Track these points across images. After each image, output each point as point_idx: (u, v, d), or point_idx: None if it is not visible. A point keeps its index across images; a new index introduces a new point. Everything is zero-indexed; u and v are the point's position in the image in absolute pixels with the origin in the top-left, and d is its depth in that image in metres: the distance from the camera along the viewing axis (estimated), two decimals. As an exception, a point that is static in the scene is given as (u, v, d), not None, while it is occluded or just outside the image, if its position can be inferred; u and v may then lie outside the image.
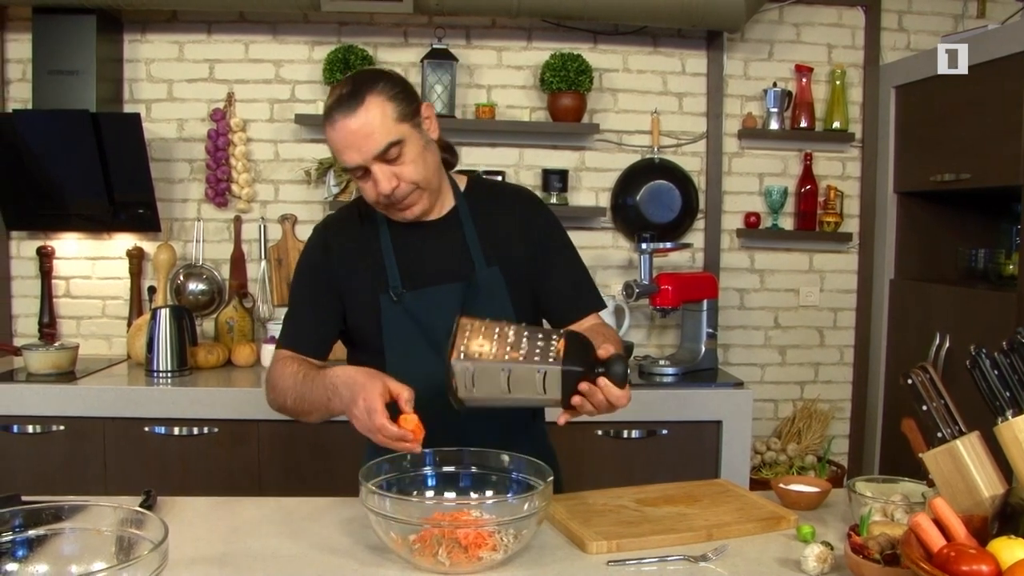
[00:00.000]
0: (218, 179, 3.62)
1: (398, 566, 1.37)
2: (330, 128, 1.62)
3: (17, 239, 3.64)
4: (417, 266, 1.77)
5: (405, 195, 1.65)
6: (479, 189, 1.87)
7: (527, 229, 1.82)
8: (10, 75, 3.57)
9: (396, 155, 1.61)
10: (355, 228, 1.81)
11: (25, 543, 1.18)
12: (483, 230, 1.79)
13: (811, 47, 3.71)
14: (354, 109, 1.58)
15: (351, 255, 1.78)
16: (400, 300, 1.73)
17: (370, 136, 1.58)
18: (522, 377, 1.42)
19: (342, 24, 3.64)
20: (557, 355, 1.42)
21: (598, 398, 1.45)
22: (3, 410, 3.01)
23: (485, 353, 1.42)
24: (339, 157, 1.64)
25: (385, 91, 1.61)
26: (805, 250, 3.78)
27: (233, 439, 3.06)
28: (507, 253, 1.79)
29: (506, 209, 1.83)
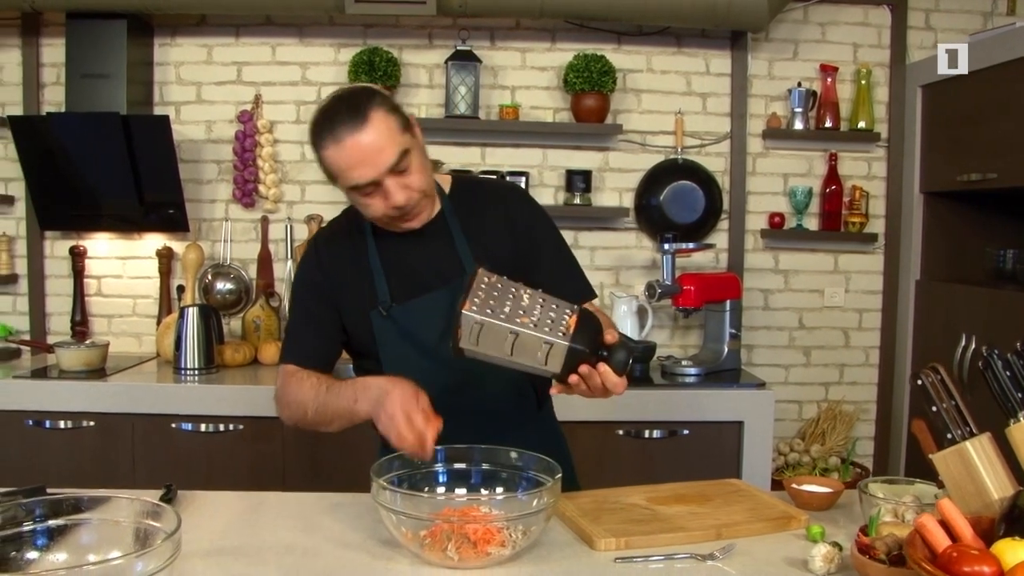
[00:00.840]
0: (245, 180, 3.68)
1: (408, 560, 1.40)
2: (335, 148, 1.58)
3: (51, 239, 3.72)
4: (406, 277, 1.77)
5: (415, 204, 1.67)
6: (463, 189, 1.87)
7: (513, 223, 1.82)
8: (45, 79, 3.65)
9: (406, 166, 1.62)
10: (346, 242, 1.81)
11: (46, 532, 1.22)
12: (469, 230, 1.80)
13: (836, 46, 3.69)
14: (361, 125, 1.57)
15: (342, 270, 1.79)
16: (389, 314, 1.75)
17: (382, 150, 1.58)
18: (527, 344, 1.41)
19: (367, 26, 3.68)
20: (567, 330, 1.42)
21: (595, 381, 1.44)
22: (36, 406, 3.09)
23: (497, 312, 1.42)
24: (347, 175, 1.60)
25: (384, 104, 1.62)
26: (830, 251, 3.76)
27: (258, 436, 3.11)
28: (495, 250, 1.79)
29: (491, 206, 1.83)
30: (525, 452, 1.56)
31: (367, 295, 1.76)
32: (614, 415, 3.15)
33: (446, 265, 1.77)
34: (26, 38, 3.60)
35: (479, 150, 3.75)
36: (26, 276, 3.70)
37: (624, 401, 3.10)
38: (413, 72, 3.72)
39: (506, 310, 1.42)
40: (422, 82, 3.73)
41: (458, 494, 1.54)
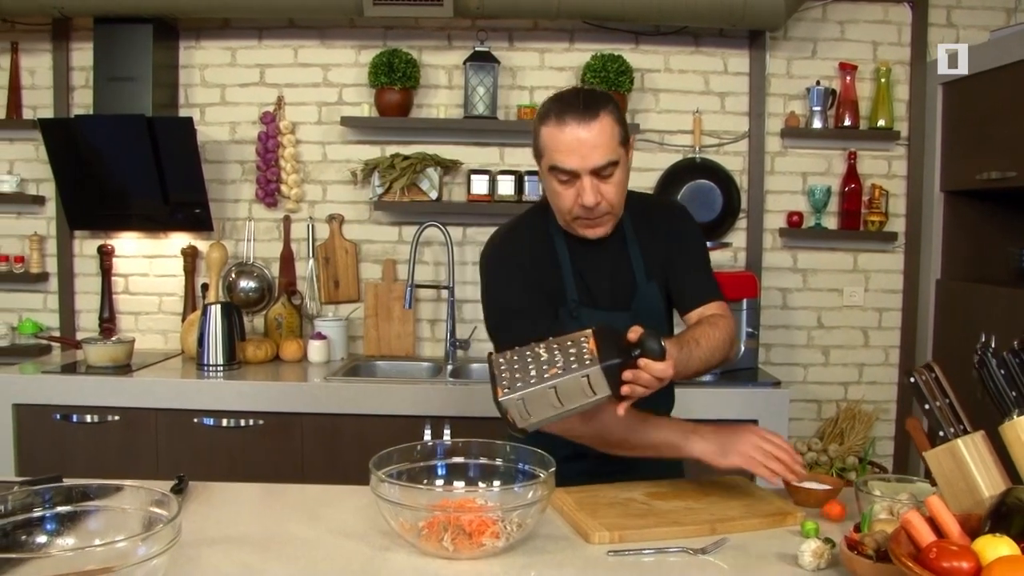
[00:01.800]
0: (268, 180, 3.74)
1: (406, 551, 1.43)
2: (557, 128, 1.69)
3: (80, 238, 3.81)
4: (591, 282, 1.86)
5: (602, 213, 1.74)
6: (638, 206, 1.94)
7: (676, 236, 1.93)
8: (74, 82, 3.74)
9: (610, 173, 1.72)
10: (532, 239, 1.88)
11: (55, 518, 1.27)
12: (644, 246, 1.90)
13: (856, 44, 3.67)
14: (590, 120, 1.68)
15: (534, 267, 1.85)
16: (577, 316, 1.83)
17: (597, 148, 1.68)
18: (569, 389, 1.49)
19: (387, 28, 3.73)
20: (592, 355, 1.49)
21: (644, 378, 1.53)
22: (64, 400, 3.17)
23: (527, 379, 1.49)
24: (554, 156, 1.70)
25: (614, 113, 1.74)
26: (849, 250, 3.74)
27: (277, 431, 3.17)
28: (662, 265, 1.90)
29: (663, 222, 1.94)
30: (520, 446, 1.60)
31: (557, 291, 1.84)
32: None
33: (622, 277, 1.88)
34: (56, 43, 3.69)
35: (498, 150, 3.79)
36: (56, 274, 3.80)
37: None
38: (432, 73, 3.76)
39: (532, 373, 1.50)
40: (441, 83, 3.77)
41: (448, 486, 1.57)
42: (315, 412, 3.16)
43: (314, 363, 3.55)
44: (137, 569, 1.14)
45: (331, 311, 3.81)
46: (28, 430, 3.16)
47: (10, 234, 3.80)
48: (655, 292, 1.89)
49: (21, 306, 3.82)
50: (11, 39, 3.70)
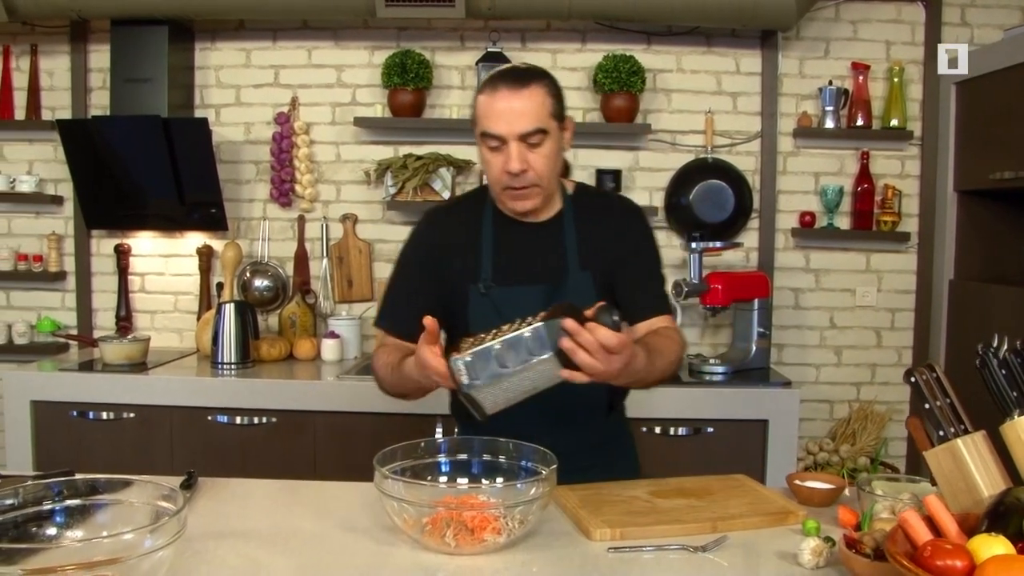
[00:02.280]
0: (282, 180, 3.78)
1: (409, 546, 1.45)
2: (489, 95, 1.73)
3: (97, 237, 3.86)
4: (511, 263, 1.87)
5: (526, 183, 1.75)
6: (585, 196, 1.97)
7: (623, 236, 1.92)
8: (92, 83, 3.79)
9: (537, 142, 1.73)
10: (464, 216, 1.92)
11: (64, 512, 1.30)
12: (583, 236, 1.89)
13: (868, 44, 3.67)
14: (520, 88, 1.71)
15: (453, 240, 1.89)
16: (488, 293, 1.84)
17: (524, 115, 1.71)
18: (511, 347, 1.45)
19: (401, 29, 3.76)
20: (543, 318, 1.46)
21: (584, 337, 1.44)
22: (81, 397, 3.22)
23: (477, 342, 1.49)
24: (484, 121, 1.74)
25: (548, 87, 1.77)
26: (862, 250, 3.73)
27: (291, 429, 3.20)
28: (601, 259, 1.89)
29: (608, 217, 1.93)
30: (522, 443, 1.61)
31: (470, 270, 1.86)
32: (639, 412, 3.16)
33: (552, 264, 1.87)
34: (74, 45, 3.75)
35: (510, 150, 3.79)
36: (74, 273, 3.86)
37: (649, 398, 3.14)
38: (445, 73, 3.78)
39: (487, 338, 1.49)
40: (454, 83, 3.79)
41: (450, 483, 1.58)
42: (328, 410, 3.19)
43: (327, 362, 3.58)
44: (143, 561, 1.16)
45: (344, 310, 3.84)
46: (45, 427, 3.21)
47: (29, 233, 3.86)
48: (587, 282, 1.86)
49: (39, 304, 3.88)
50: (30, 41, 3.76)
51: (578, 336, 1.45)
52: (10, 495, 1.30)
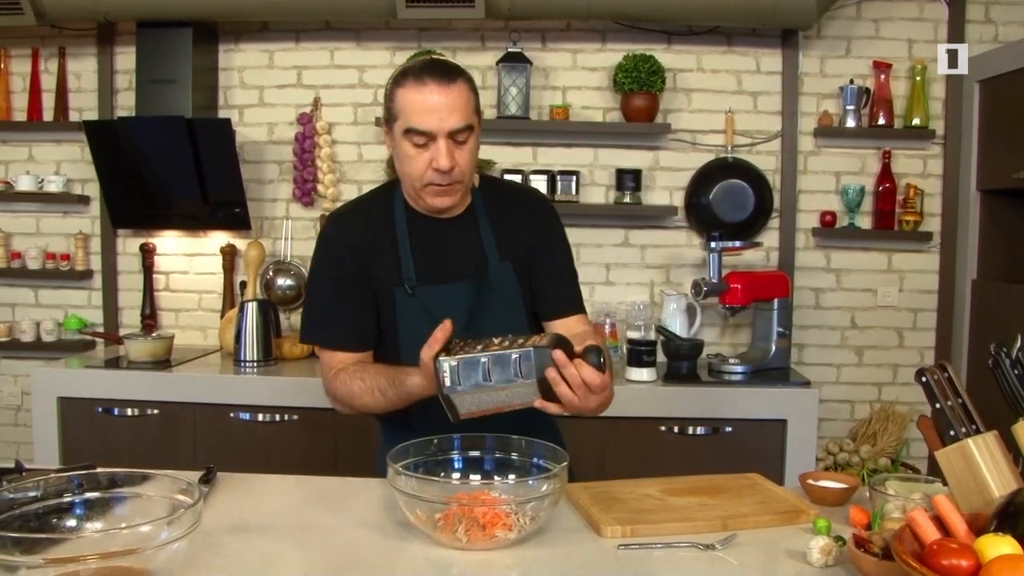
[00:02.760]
0: (305, 179, 3.82)
1: (421, 541, 1.47)
2: (415, 88, 1.67)
3: (123, 236, 3.92)
4: (432, 261, 1.84)
5: (454, 180, 1.74)
6: (492, 188, 1.96)
7: (533, 226, 1.92)
8: (118, 85, 3.85)
9: (464, 139, 1.72)
10: (373, 217, 1.87)
11: (84, 504, 1.34)
12: (497, 227, 1.88)
13: (890, 42, 3.64)
14: (448, 83, 1.68)
15: (369, 243, 1.84)
16: (414, 294, 1.82)
17: (456, 111, 1.68)
18: (499, 364, 1.50)
19: (421, 30, 3.78)
20: (535, 344, 1.51)
21: (570, 372, 1.48)
22: (107, 394, 3.28)
23: (468, 350, 1.52)
24: (413, 117, 1.68)
25: (469, 83, 1.75)
26: (883, 249, 3.71)
27: (312, 426, 3.23)
28: (517, 249, 1.89)
29: (517, 206, 1.93)
30: (534, 441, 1.63)
31: (392, 272, 1.83)
32: (657, 411, 3.19)
33: (471, 257, 1.85)
34: (101, 47, 3.81)
35: (531, 150, 3.82)
36: (100, 272, 3.92)
37: (668, 397, 3.16)
38: (466, 74, 3.79)
39: (478, 347, 1.53)
40: (475, 83, 3.80)
41: (461, 479, 1.60)
42: (348, 408, 3.21)
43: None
44: (159, 552, 1.19)
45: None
46: (72, 422, 3.27)
47: (57, 232, 3.93)
48: (508, 271, 1.86)
49: (67, 303, 3.95)
50: (58, 44, 3.82)
51: (564, 369, 1.50)
52: (33, 487, 1.34)
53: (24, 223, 3.95)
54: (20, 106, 3.87)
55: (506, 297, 1.84)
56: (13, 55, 3.88)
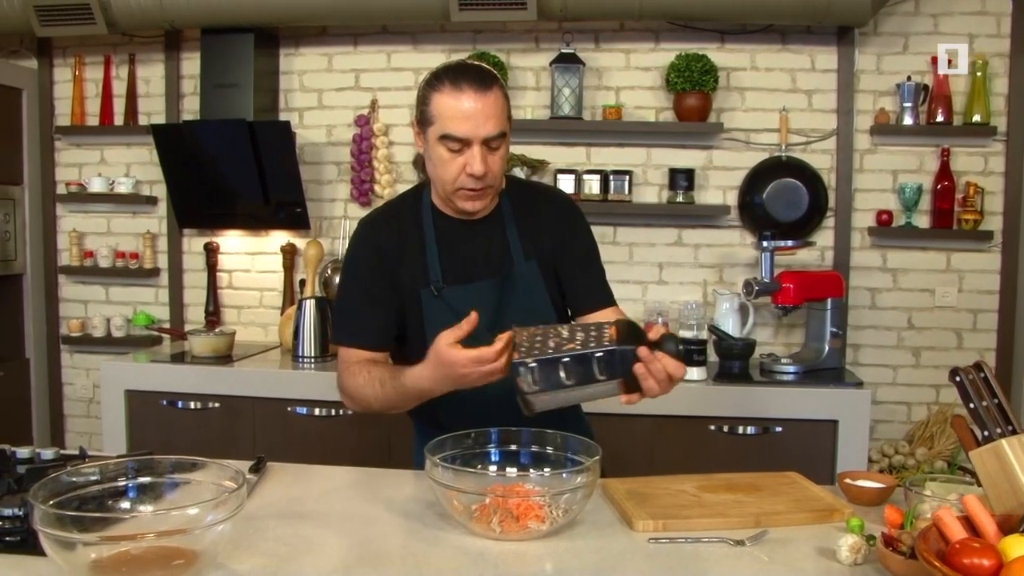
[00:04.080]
0: (362, 180, 3.91)
1: (457, 531, 1.52)
2: (452, 93, 1.69)
3: (188, 236, 4.07)
4: (459, 262, 1.88)
5: (487, 185, 1.78)
6: (517, 189, 1.99)
7: (559, 227, 1.95)
8: (184, 89, 4.00)
9: (497, 146, 1.75)
10: (402, 222, 1.91)
11: (136, 488, 1.42)
12: (522, 227, 1.92)
13: (950, 37, 3.57)
14: (486, 89, 1.71)
15: (398, 247, 1.88)
16: (440, 295, 1.86)
17: (492, 118, 1.72)
18: (581, 364, 1.50)
19: (476, 32, 3.84)
20: (611, 339, 1.52)
21: (656, 367, 1.51)
22: (170, 387, 3.41)
23: (543, 350, 1.52)
24: (449, 123, 1.70)
25: (503, 89, 1.78)
26: (942, 249, 3.64)
27: (365, 420, 3.30)
28: (543, 249, 1.92)
29: (543, 208, 1.96)
30: (569, 435, 1.66)
31: (420, 273, 1.87)
32: (706, 410, 3.19)
33: (497, 256, 1.89)
34: (168, 53, 3.96)
35: (584, 150, 3.85)
36: (167, 270, 4.07)
37: (717, 397, 3.16)
38: (520, 75, 3.85)
39: (551, 346, 1.53)
40: (529, 84, 3.85)
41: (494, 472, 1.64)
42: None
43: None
44: (206, 533, 1.27)
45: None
46: (138, 414, 3.41)
47: (126, 232, 4.10)
48: (533, 269, 1.90)
49: (135, 299, 4.11)
50: (129, 51, 3.98)
51: (651, 365, 1.51)
52: (92, 472, 1.43)
53: (96, 223, 4.13)
54: (93, 111, 4.05)
55: (530, 294, 1.88)
56: (87, 62, 4.05)
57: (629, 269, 3.80)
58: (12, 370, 4.01)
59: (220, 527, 1.28)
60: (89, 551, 1.22)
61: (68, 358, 4.21)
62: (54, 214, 4.15)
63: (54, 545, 1.21)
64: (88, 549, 1.22)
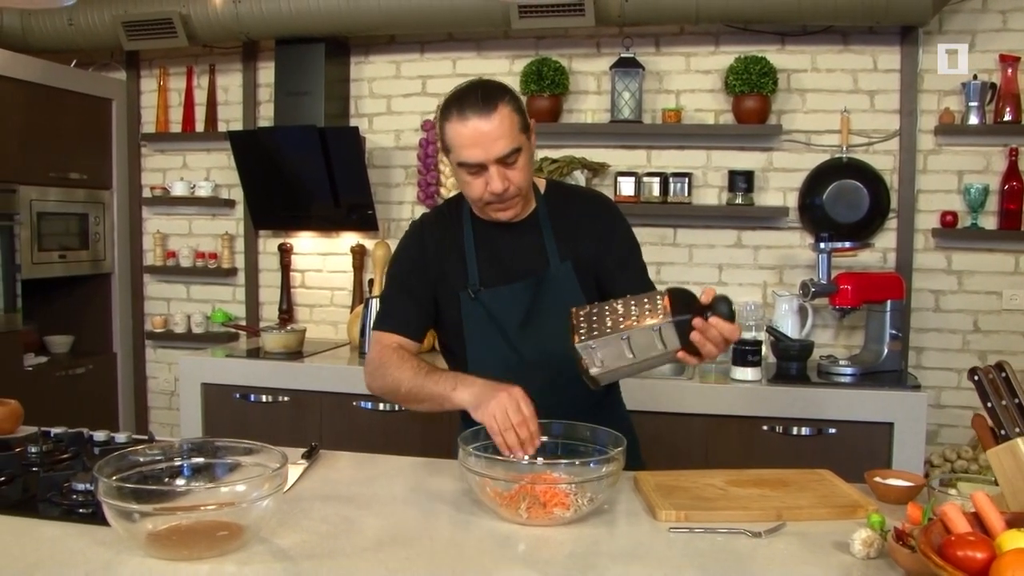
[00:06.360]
0: (428, 183, 4.03)
1: (488, 516, 1.61)
2: (459, 124, 1.79)
3: (264, 237, 4.27)
4: (496, 265, 1.97)
5: (511, 196, 1.87)
6: (557, 192, 2.06)
7: (599, 230, 2.01)
8: (260, 97, 4.19)
9: (513, 160, 1.82)
10: (446, 227, 2.02)
11: (191, 467, 1.57)
12: (559, 230, 1.99)
13: (1019, 35, 3.50)
14: (489, 113, 1.77)
15: (440, 252, 2.00)
16: (477, 297, 1.96)
17: (499, 140, 1.78)
18: (641, 340, 1.59)
19: (539, 38, 3.93)
20: (665, 310, 1.60)
21: (713, 333, 1.58)
22: (243, 381, 3.59)
23: (602, 329, 1.61)
24: (460, 152, 1.81)
25: (512, 103, 1.83)
26: (1010, 251, 3.57)
27: (427, 416, 3.39)
28: (579, 251, 1.98)
29: (581, 211, 2.02)
30: (597, 428, 1.74)
31: (459, 277, 1.98)
32: (760, 411, 3.20)
33: (533, 259, 1.97)
34: (245, 63, 4.16)
35: (644, 152, 3.90)
36: (243, 270, 4.27)
37: (771, 397, 3.17)
38: (582, 79, 3.92)
39: (608, 324, 1.61)
40: (590, 88, 3.92)
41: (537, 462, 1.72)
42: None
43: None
44: (250, 508, 1.39)
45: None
46: (213, 406, 3.60)
47: (206, 233, 4.32)
48: (568, 271, 1.95)
49: (214, 298, 4.33)
50: (209, 62, 4.20)
51: (707, 332, 1.58)
52: (155, 453, 1.57)
53: (178, 225, 4.36)
54: (176, 119, 4.28)
55: (564, 295, 1.94)
56: (171, 73, 4.29)
57: (689, 271, 3.83)
58: (101, 364, 4.28)
59: (263, 503, 1.39)
60: (146, 522, 1.35)
61: (152, 353, 4.46)
62: (140, 216, 4.41)
63: (115, 515, 1.35)
64: (144, 520, 1.35)
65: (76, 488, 1.60)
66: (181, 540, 1.36)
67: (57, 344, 4.19)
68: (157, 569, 1.33)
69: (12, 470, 1.75)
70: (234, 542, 1.38)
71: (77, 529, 1.49)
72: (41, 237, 3.88)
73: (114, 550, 1.39)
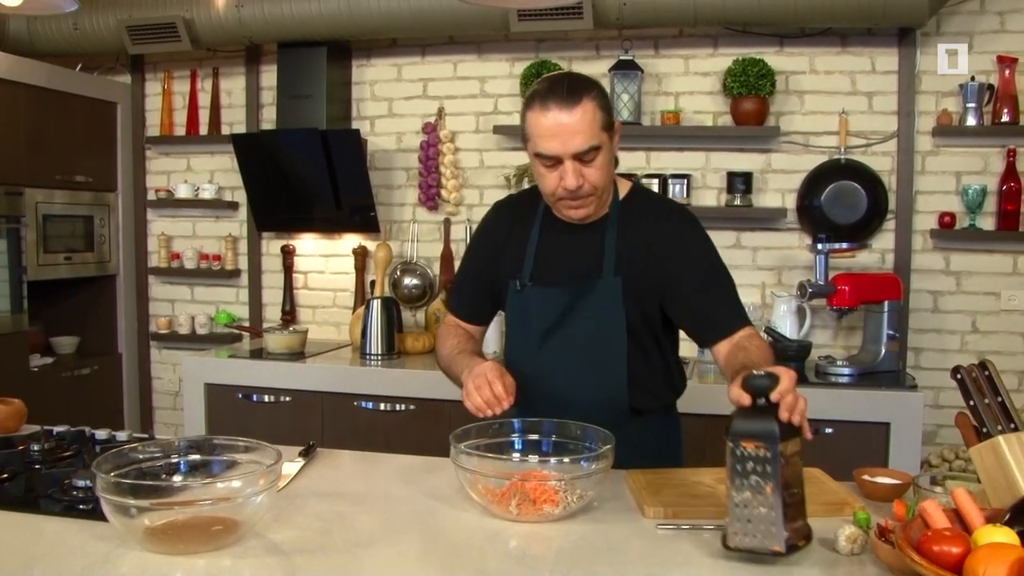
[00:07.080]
0: (430, 185, 4.07)
1: (479, 513, 1.64)
2: (541, 113, 1.74)
3: (266, 239, 4.30)
4: (551, 264, 1.95)
5: (585, 195, 1.82)
6: (636, 200, 1.97)
7: (667, 242, 1.90)
8: (263, 100, 4.23)
9: (591, 158, 1.77)
10: (520, 213, 2.02)
11: (187, 464, 1.60)
12: (624, 241, 1.91)
13: (1017, 36, 3.51)
14: (572, 105, 1.73)
15: (508, 237, 2.00)
16: (523, 291, 1.96)
17: (578, 134, 1.74)
18: (766, 483, 1.48)
19: (539, 41, 3.96)
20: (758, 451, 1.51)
21: (788, 401, 1.51)
22: (246, 381, 3.62)
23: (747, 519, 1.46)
24: (538, 142, 1.77)
25: (598, 99, 1.78)
26: (1008, 251, 3.58)
27: (428, 415, 3.46)
28: (638, 268, 1.89)
29: (655, 225, 1.92)
30: (587, 426, 1.76)
31: (515, 266, 1.98)
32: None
33: (587, 266, 1.92)
34: (248, 66, 4.20)
35: (643, 154, 3.93)
36: (247, 271, 4.31)
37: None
38: (581, 82, 3.93)
39: None
40: (590, 91, 3.94)
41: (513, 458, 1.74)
42: (461, 399, 3.42)
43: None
44: (244, 503, 1.42)
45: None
46: (216, 406, 3.64)
47: (210, 235, 4.36)
48: (616, 288, 1.88)
49: (218, 299, 4.37)
50: (212, 65, 4.24)
51: (786, 408, 1.52)
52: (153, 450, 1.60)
53: (182, 227, 4.41)
54: (180, 122, 4.32)
55: (603, 310, 1.89)
56: (175, 77, 4.33)
57: (688, 271, 3.85)
58: (106, 365, 4.32)
59: (258, 499, 1.43)
60: (143, 517, 1.39)
61: (157, 353, 4.51)
62: (145, 219, 4.46)
63: (113, 510, 1.38)
64: (142, 515, 1.38)
65: (76, 485, 1.64)
66: (177, 535, 1.39)
67: (63, 345, 4.24)
68: (154, 563, 1.37)
69: (15, 467, 1.79)
70: (229, 537, 1.41)
71: (77, 524, 1.52)
72: (47, 239, 3.92)
73: (112, 544, 1.43)
